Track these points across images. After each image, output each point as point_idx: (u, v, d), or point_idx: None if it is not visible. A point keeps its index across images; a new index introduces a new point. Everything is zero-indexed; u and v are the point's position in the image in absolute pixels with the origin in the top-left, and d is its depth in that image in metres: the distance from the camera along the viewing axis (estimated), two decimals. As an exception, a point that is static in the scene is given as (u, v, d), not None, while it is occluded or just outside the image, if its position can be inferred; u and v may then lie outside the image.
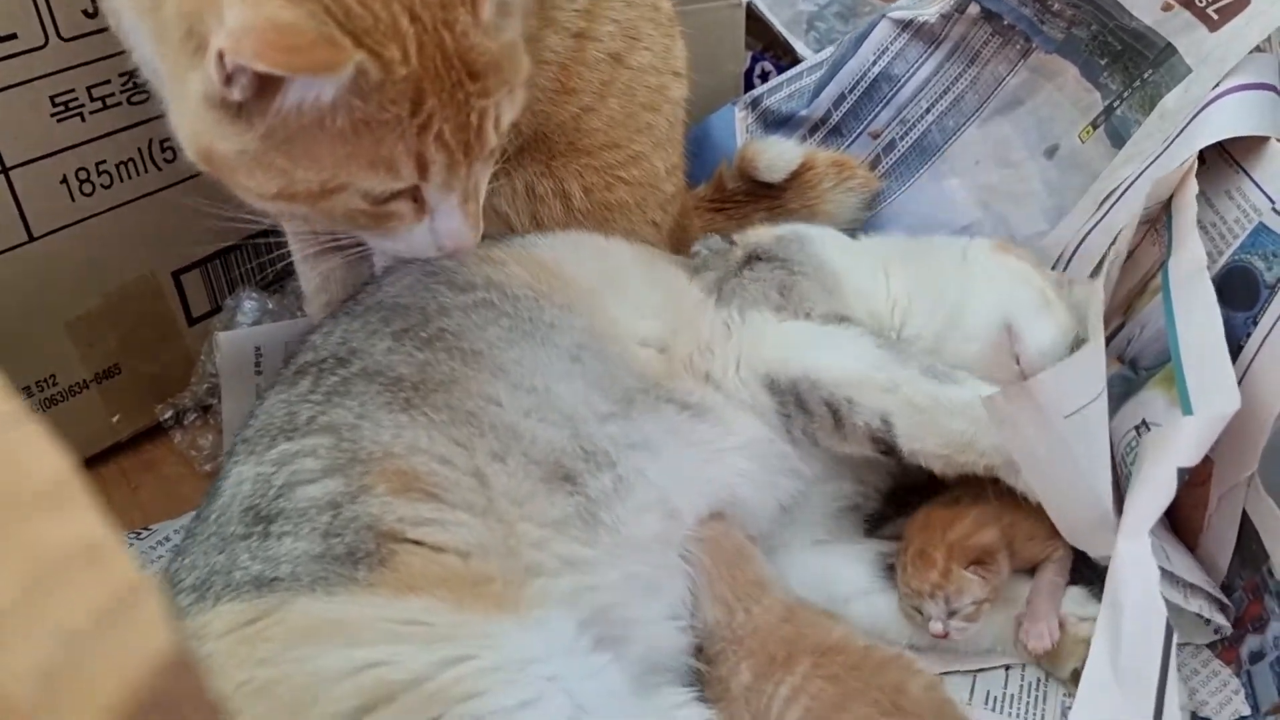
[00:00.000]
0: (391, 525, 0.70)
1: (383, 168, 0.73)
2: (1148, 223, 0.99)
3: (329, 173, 0.73)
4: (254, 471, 0.75)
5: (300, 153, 0.72)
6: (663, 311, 0.94)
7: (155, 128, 1.07)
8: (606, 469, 0.80)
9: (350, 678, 0.63)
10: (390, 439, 0.74)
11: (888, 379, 0.88)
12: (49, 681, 0.24)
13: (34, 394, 1.08)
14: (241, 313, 1.19)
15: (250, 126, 0.71)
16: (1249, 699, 0.83)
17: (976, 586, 0.86)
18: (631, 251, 0.97)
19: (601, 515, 0.79)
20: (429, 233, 0.81)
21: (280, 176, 0.73)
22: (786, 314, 0.93)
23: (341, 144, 0.72)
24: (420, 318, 0.83)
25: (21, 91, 0.97)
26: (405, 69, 0.70)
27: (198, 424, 1.19)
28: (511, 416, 0.79)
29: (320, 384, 0.79)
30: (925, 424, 0.87)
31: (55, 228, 1.04)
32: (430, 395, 0.77)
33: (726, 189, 1.28)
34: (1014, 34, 1.20)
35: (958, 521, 0.88)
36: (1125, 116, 1.11)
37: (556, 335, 0.85)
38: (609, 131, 1.00)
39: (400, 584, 0.68)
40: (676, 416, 0.87)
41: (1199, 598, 0.83)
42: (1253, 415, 0.81)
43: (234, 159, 0.73)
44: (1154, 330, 0.93)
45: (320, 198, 0.75)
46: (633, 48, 1.01)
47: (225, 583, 0.69)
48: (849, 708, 0.75)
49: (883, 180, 1.30)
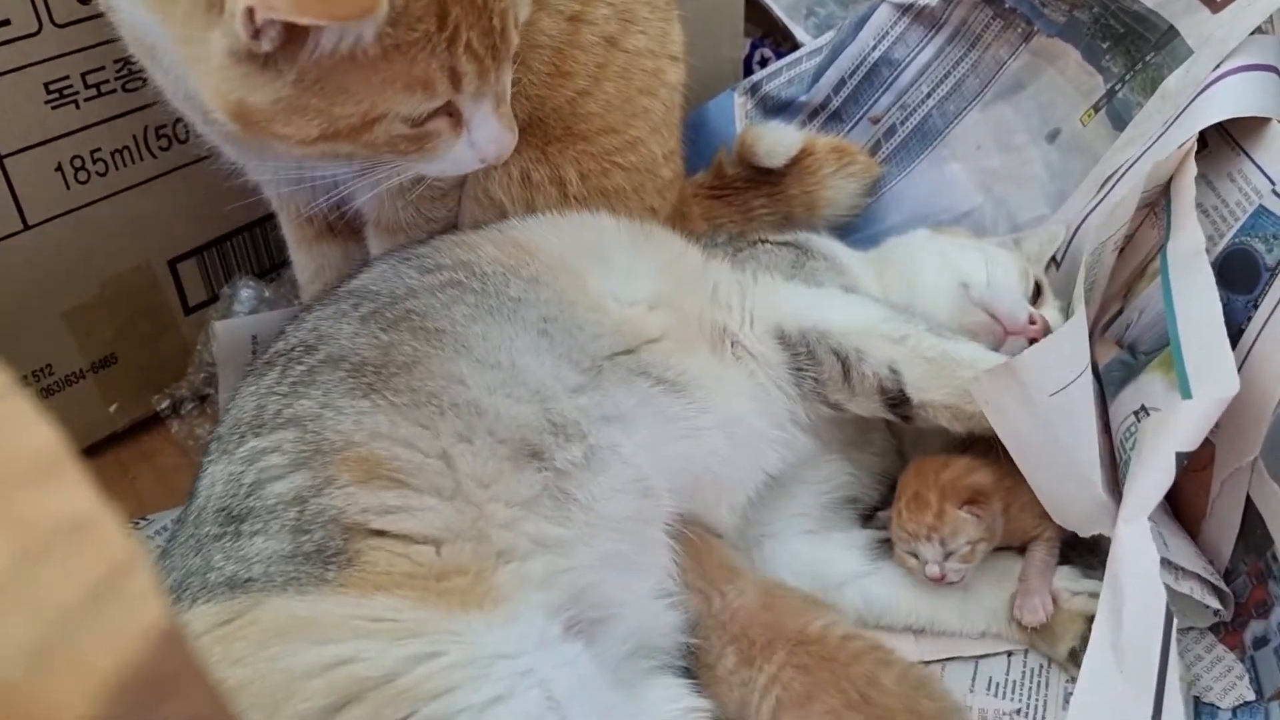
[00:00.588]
0: (355, 518, 0.70)
1: (418, 87, 0.73)
2: (1147, 206, 0.99)
3: (367, 103, 0.73)
4: (225, 471, 0.75)
5: (335, 90, 0.72)
6: (657, 273, 0.94)
7: (150, 115, 1.06)
8: (576, 440, 0.80)
9: (321, 675, 0.63)
10: (352, 426, 0.74)
11: (895, 331, 0.91)
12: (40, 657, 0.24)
13: (31, 384, 1.08)
14: (238, 301, 1.18)
15: (280, 74, 0.71)
16: (1253, 684, 0.82)
17: (971, 526, 0.88)
18: (618, 223, 0.97)
19: (573, 491, 0.78)
20: (469, 146, 0.81)
21: (319, 117, 0.73)
22: (798, 282, 0.96)
23: (375, 73, 0.71)
24: (388, 300, 0.83)
25: (15, 78, 0.97)
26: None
27: (195, 413, 1.19)
28: (475, 394, 0.78)
29: (287, 374, 0.79)
30: (933, 374, 0.89)
31: (50, 216, 1.03)
32: (392, 378, 0.77)
33: (726, 175, 1.27)
34: (1015, 17, 1.19)
35: (950, 465, 0.90)
36: (1127, 99, 1.10)
37: (523, 309, 0.85)
38: (605, 116, 1.00)
39: (368, 584, 0.68)
40: (650, 390, 0.86)
41: (1189, 580, 0.83)
42: (1254, 399, 0.81)
43: (268, 109, 0.73)
44: (1153, 314, 0.93)
45: (362, 130, 0.75)
46: (628, 31, 1.00)
47: (201, 584, 0.70)
48: (817, 698, 0.76)
49: (883, 165, 1.29)
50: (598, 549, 0.78)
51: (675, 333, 0.90)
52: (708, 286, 0.95)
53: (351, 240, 1.05)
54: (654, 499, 0.84)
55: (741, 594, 0.84)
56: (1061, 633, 0.88)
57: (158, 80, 0.89)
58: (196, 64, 0.74)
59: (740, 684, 0.80)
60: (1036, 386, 0.82)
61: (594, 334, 0.86)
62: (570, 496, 0.78)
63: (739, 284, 0.95)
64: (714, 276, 0.96)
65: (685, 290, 0.94)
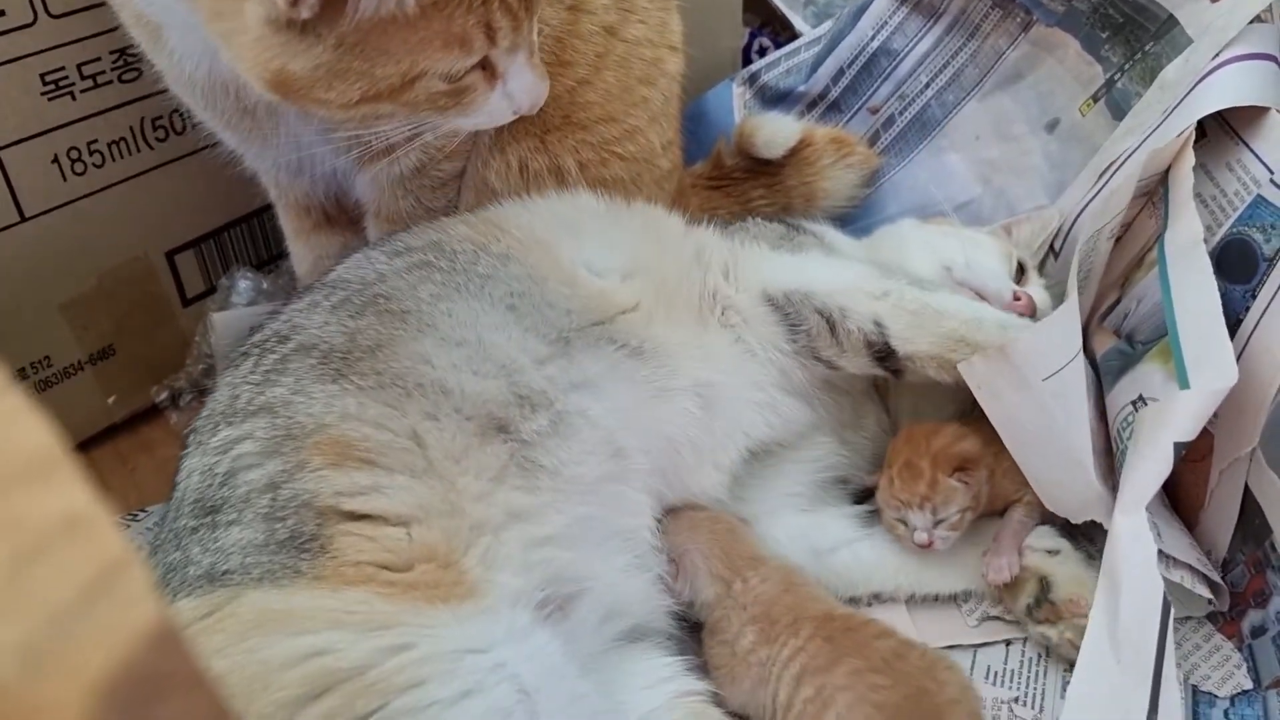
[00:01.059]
0: (328, 500, 0.70)
1: (456, 45, 0.74)
2: (1145, 195, 0.99)
3: (407, 63, 0.74)
4: (200, 463, 0.76)
5: (375, 51, 0.72)
6: (634, 241, 0.94)
7: (147, 106, 1.06)
8: (542, 409, 0.80)
9: (296, 666, 0.63)
10: (322, 410, 0.75)
11: (877, 287, 0.93)
12: (34, 657, 0.23)
13: (29, 376, 1.08)
14: (236, 293, 1.18)
15: (320, 39, 0.71)
16: (1250, 673, 0.83)
17: (961, 494, 0.89)
18: (597, 198, 0.97)
19: (540, 459, 0.79)
20: (504, 97, 0.82)
21: (361, 80, 0.74)
22: (783, 252, 0.98)
23: (413, 32, 0.72)
24: (359, 287, 0.84)
25: (11, 70, 0.96)
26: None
27: (194, 405, 1.18)
28: (441, 373, 0.79)
29: (260, 364, 0.80)
30: (917, 325, 0.91)
31: (47, 208, 1.03)
32: (358, 362, 0.78)
33: (725, 166, 1.27)
34: (1014, 7, 1.19)
35: (939, 432, 0.92)
36: (1126, 89, 1.10)
37: (491, 285, 0.85)
38: (605, 105, 0.99)
39: (339, 577, 0.68)
40: (617, 354, 0.86)
41: (1180, 569, 0.83)
42: (1253, 390, 0.81)
43: (309, 75, 0.73)
44: (1151, 304, 0.93)
45: (403, 90, 0.76)
46: (627, 20, 1.00)
47: (181, 579, 0.70)
48: (841, 661, 0.78)
49: (882, 156, 1.29)
50: (569, 514, 0.78)
51: (651, 301, 0.91)
52: (690, 249, 0.96)
53: (350, 231, 1.05)
54: (625, 459, 0.84)
55: (765, 580, 0.86)
56: (1020, 589, 0.90)
57: (160, 64, 0.89)
58: (231, 38, 0.74)
59: (759, 662, 0.81)
60: (1030, 370, 0.83)
61: (565, 309, 0.86)
62: (537, 464, 0.78)
63: (727, 249, 0.97)
64: (696, 240, 0.97)
65: (665, 256, 0.94)
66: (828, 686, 0.76)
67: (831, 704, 0.75)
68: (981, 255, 1.03)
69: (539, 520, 0.76)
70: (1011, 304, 0.97)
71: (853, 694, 0.75)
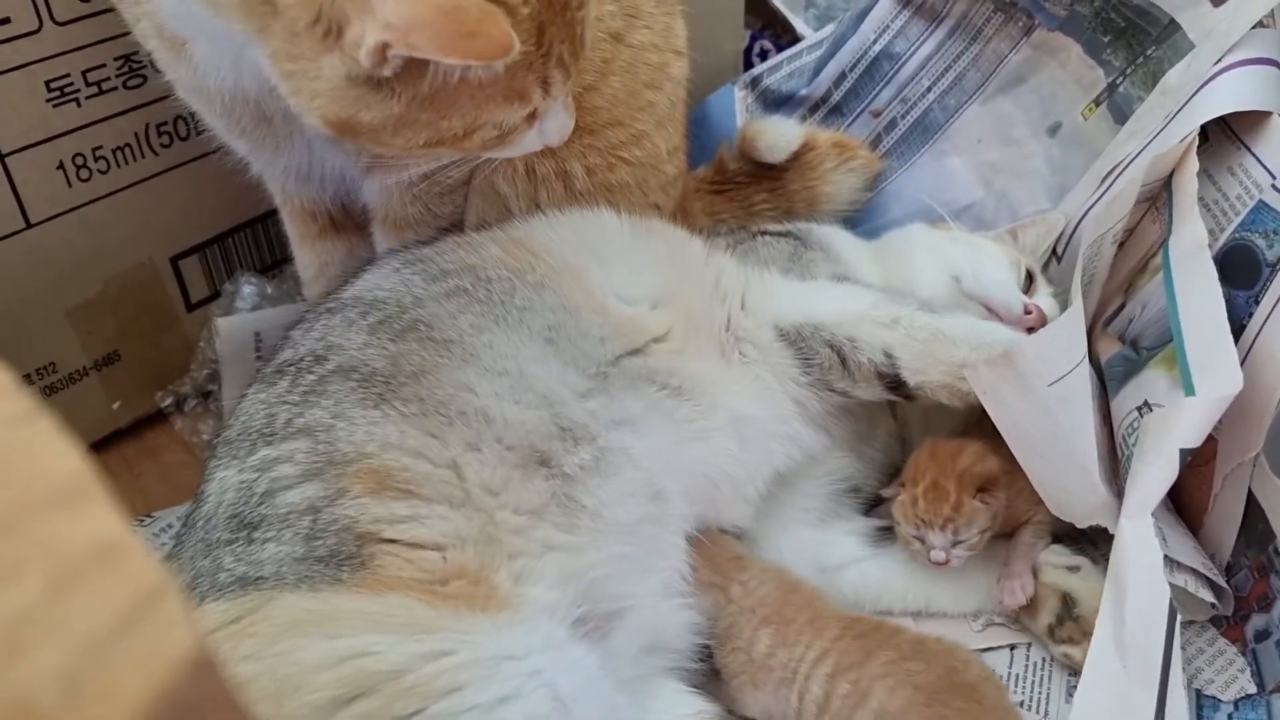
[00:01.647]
0: (367, 527, 0.71)
1: (516, 99, 0.76)
2: (1148, 200, 0.99)
3: (471, 116, 0.75)
4: (237, 478, 0.75)
5: (445, 106, 0.74)
6: (659, 268, 0.94)
7: (152, 112, 1.06)
8: (585, 443, 0.81)
9: (332, 668, 0.64)
10: (364, 438, 0.75)
11: (886, 315, 0.92)
12: (72, 686, 0.24)
13: (34, 382, 1.08)
14: (240, 298, 1.18)
15: (394, 95, 0.73)
16: (1254, 677, 0.83)
17: (983, 515, 0.90)
18: (620, 218, 0.97)
19: (581, 498, 0.79)
20: (538, 134, 0.83)
21: (427, 129, 0.76)
22: (793, 276, 0.98)
23: (480, 90, 0.74)
24: (396, 309, 0.84)
25: (16, 77, 0.96)
26: (527, 9, 0.72)
27: (198, 410, 1.19)
28: (484, 401, 0.79)
29: (298, 383, 0.79)
30: (927, 354, 0.90)
31: (53, 214, 1.03)
32: (401, 388, 0.78)
33: (727, 170, 1.27)
34: (1016, 11, 1.19)
35: (964, 451, 0.91)
36: (1128, 93, 1.10)
37: (529, 317, 0.85)
38: (611, 110, 1.00)
39: (381, 583, 0.69)
40: (658, 394, 0.87)
41: (1184, 573, 0.83)
42: (1257, 395, 0.81)
43: (379, 124, 0.75)
44: (1155, 310, 0.93)
45: (463, 139, 0.78)
46: (632, 26, 1.00)
47: (210, 584, 0.70)
48: (875, 654, 0.79)
49: (884, 159, 1.29)
50: (608, 552, 0.78)
51: (681, 330, 0.91)
52: (711, 277, 0.95)
53: (355, 236, 1.05)
54: (665, 503, 0.84)
55: (762, 581, 0.86)
56: (1039, 608, 0.90)
57: (175, 75, 0.89)
58: (298, 80, 0.74)
59: (780, 665, 0.82)
60: (1035, 376, 0.83)
61: (599, 337, 0.87)
62: (579, 504, 0.79)
63: (743, 279, 0.97)
64: (717, 268, 0.97)
65: (689, 285, 0.94)
66: (864, 679, 0.78)
67: (870, 693, 0.77)
68: (990, 265, 1.02)
69: (578, 554, 0.77)
70: (1022, 317, 0.97)
71: (891, 680, 0.77)
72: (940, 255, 1.04)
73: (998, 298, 0.99)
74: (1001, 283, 1.00)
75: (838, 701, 0.78)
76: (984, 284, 1.00)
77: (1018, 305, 0.98)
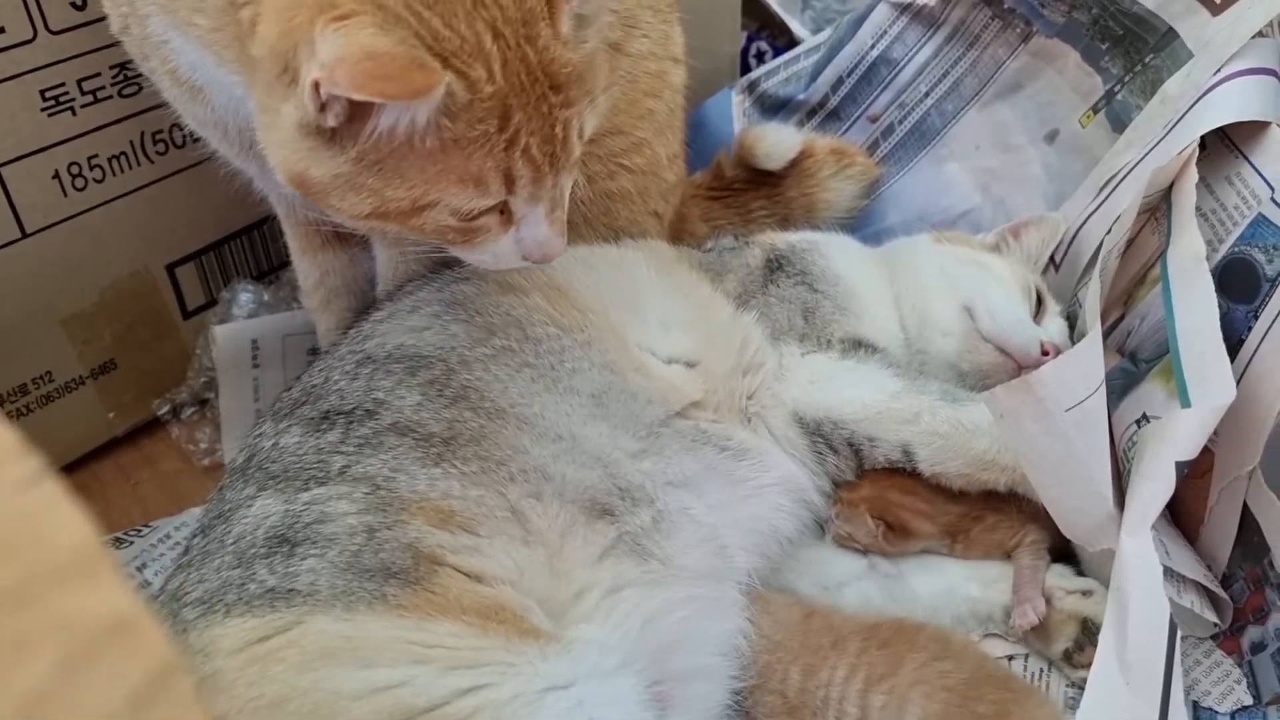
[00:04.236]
0: (430, 549, 0.71)
1: (471, 184, 0.74)
2: (1147, 211, 0.99)
3: (419, 190, 0.73)
4: (283, 508, 0.74)
5: (391, 173, 0.73)
6: (689, 325, 0.94)
7: (147, 120, 1.06)
8: (644, 505, 0.81)
9: (368, 698, 0.63)
10: (426, 488, 0.75)
11: (908, 409, 0.91)
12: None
13: (30, 391, 1.07)
14: (237, 305, 1.18)
15: (343, 150, 0.72)
16: (1250, 689, 0.83)
17: (864, 534, 0.92)
18: (647, 263, 0.97)
19: (650, 547, 0.80)
20: (515, 243, 0.80)
21: (373, 197, 0.74)
22: (810, 343, 0.96)
23: (431, 163, 0.72)
24: (443, 370, 0.82)
25: (11, 86, 0.96)
26: (491, 87, 0.70)
27: (195, 418, 1.18)
28: (541, 461, 0.79)
29: (350, 435, 0.78)
30: (948, 448, 0.90)
31: (48, 224, 1.03)
32: (460, 449, 0.78)
33: (725, 177, 1.27)
34: (1014, 18, 1.19)
35: (914, 493, 0.93)
36: (1126, 101, 1.10)
37: (579, 380, 0.85)
38: (612, 119, 0.99)
39: (430, 606, 0.68)
40: (716, 456, 0.88)
41: (1191, 592, 0.83)
42: (1254, 410, 0.81)
43: (328, 182, 0.74)
44: (1154, 322, 0.93)
45: (411, 215, 0.75)
46: (630, 36, 1.00)
47: (238, 595, 0.69)
48: (905, 659, 0.80)
49: (881, 165, 1.29)
50: (676, 593, 0.79)
51: (713, 398, 0.91)
52: (736, 344, 0.94)
53: (357, 247, 1.04)
54: (728, 558, 0.85)
55: (784, 609, 0.87)
56: (1055, 633, 0.90)
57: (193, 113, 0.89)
58: (268, 131, 0.75)
59: (812, 694, 0.81)
60: (1052, 401, 0.82)
61: (645, 400, 0.87)
62: (648, 551, 0.80)
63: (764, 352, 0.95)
64: (742, 334, 0.95)
65: (716, 349, 0.93)
66: (898, 688, 0.78)
67: (908, 701, 0.77)
68: (1003, 296, 1.00)
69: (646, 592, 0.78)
70: (1039, 360, 0.95)
71: (926, 686, 0.78)
72: (950, 281, 1.03)
73: (1015, 343, 0.96)
74: (1018, 323, 0.98)
75: (875, 715, 0.78)
76: (1000, 325, 0.97)
77: (1034, 349, 0.96)
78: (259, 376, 1.16)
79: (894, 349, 1.00)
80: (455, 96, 0.69)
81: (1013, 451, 0.88)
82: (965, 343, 0.99)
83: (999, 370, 0.96)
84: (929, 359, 1.01)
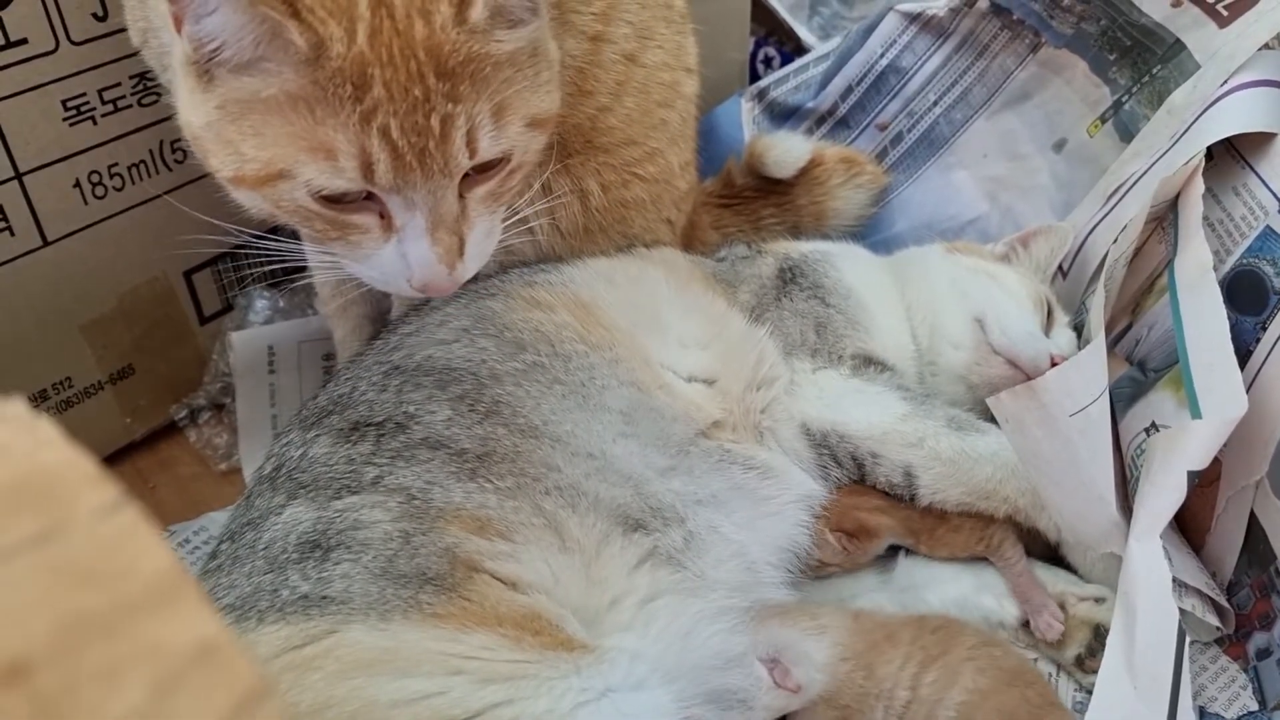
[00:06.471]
0: (470, 554, 0.71)
1: (322, 154, 0.71)
2: (1154, 220, 1.00)
3: (270, 152, 0.72)
4: (315, 514, 0.74)
5: (250, 129, 0.72)
6: (706, 342, 0.95)
7: (166, 129, 1.07)
8: (675, 524, 0.82)
9: (407, 707, 0.64)
10: (461, 499, 0.75)
11: (913, 432, 0.92)
12: (180, 787, 0.25)
13: (50, 396, 1.08)
14: (253, 311, 1.19)
15: (211, 92, 0.72)
16: (1256, 694, 0.85)
17: (831, 552, 0.93)
18: (665, 280, 0.97)
19: (684, 563, 0.81)
20: (399, 258, 0.77)
21: (234, 156, 0.73)
22: (821, 358, 0.97)
23: (280, 119, 0.70)
24: (474, 384, 0.82)
25: (33, 96, 0.97)
26: (345, 48, 0.68)
27: (212, 422, 1.20)
28: (574, 478, 0.80)
29: (382, 447, 0.78)
30: (950, 475, 0.91)
31: (69, 231, 1.04)
32: (494, 465, 0.78)
33: (735, 185, 1.28)
34: (1023, 28, 1.20)
35: (867, 494, 0.94)
36: (1133, 111, 1.11)
37: (609, 398, 0.85)
38: (626, 129, 1.01)
39: (466, 616, 0.68)
40: (742, 475, 0.89)
41: (1192, 596, 0.85)
42: (1263, 420, 0.82)
43: (204, 134, 0.74)
44: (1162, 331, 0.94)
45: (266, 183, 0.73)
46: (645, 47, 1.01)
47: (270, 602, 0.69)
48: (956, 640, 0.82)
49: (890, 173, 1.30)
50: (713, 604, 0.80)
51: (731, 417, 0.92)
52: (751, 361, 0.95)
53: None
54: (756, 573, 0.86)
55: (836, 614, 0.87)
56: (1067, 639, 0.90)
57: None
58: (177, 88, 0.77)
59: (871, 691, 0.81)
60: (1057, 407, 0.84)
61: (671, 417, 0.88)
62: (681, 564, 0.80)
63: (778, 368, 0.96)
64: (757, 351, 0.96)
65: (731, 367, 0.94)
66: (950, 664, 0.80)
67: (960, 673, 0.79)
68: (1014, 308, 1.00)
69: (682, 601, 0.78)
70: None
71: (979, 662, 0.80)
72: (962, 291, 1.03)
73: (1025, 356, 0.96)
74: (1029, 336, 0.98)
75: (926, 689, 0.80)
76: (1011, 338, 0.98)
77: (1045, 363, 0.96)
78: (275, 382, 1.17)
79: (905, 363, 1.01)
80: (294, 47, 0.68)
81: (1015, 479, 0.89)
82: (975, 355, 0.99)
83: (1008, 384, 0.96)
84: (938, 370, 1.01)
